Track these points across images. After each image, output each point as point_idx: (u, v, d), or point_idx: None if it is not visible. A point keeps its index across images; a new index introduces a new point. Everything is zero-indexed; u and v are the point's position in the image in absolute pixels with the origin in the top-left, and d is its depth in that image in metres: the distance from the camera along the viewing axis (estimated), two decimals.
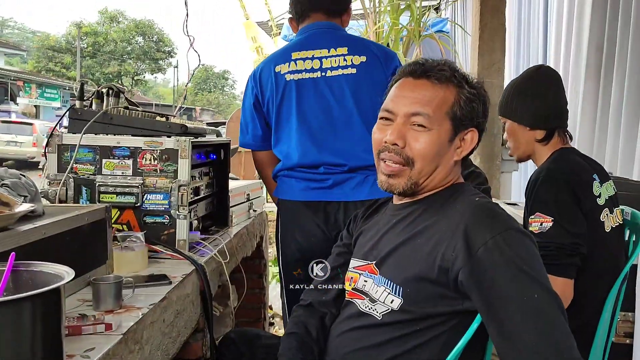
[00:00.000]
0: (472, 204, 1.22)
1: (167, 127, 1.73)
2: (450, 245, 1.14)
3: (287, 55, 2.03)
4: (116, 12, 41.36)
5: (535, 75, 1.88)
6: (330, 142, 1.98)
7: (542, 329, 1.03)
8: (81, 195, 1.68)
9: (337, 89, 1.98)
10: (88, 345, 1.00)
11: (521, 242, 1.12)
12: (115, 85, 1.82)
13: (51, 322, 0.79)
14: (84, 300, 1.26)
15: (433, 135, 1.24)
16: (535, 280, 1.07)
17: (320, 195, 1.97)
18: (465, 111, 1.27)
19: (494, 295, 1.08)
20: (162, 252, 1.65)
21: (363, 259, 1.34)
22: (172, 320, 1.35)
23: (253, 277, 2.75)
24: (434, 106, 1.25)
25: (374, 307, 1.24)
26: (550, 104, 1.82)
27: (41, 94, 29.20)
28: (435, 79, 1.27)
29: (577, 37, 3.69)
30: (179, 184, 1.67)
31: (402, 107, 1.27)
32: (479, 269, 1.09)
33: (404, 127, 1.26)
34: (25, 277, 0.90)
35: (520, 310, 1.05)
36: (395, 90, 1.32)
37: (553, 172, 1.71)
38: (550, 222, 1.62)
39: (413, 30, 5.35)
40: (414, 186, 1.27)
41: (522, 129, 1.84)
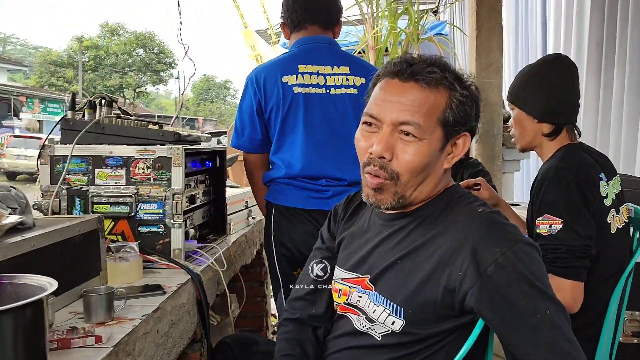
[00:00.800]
0: (474, 216, 1.14)
1: (160, 135, 1.72)
2: (457, 263, 1.08)
3: (294, 67, 2.06)
4: (117, 25, 41.62)
5: (551, 66, 1.78)
6: (334, 156, 2.04)
7: (557, 344, 1.02)
8: (74, 206, 1.66)
9: (341, 106, 2.05)
10: (77, 359, 0.98)
11: (530, 255, 1.08)
12: (107, 94, 1.80)
13: (34, 334, 0.77)
14: (76, 313, 1.24)
15: (423, 146, 1.14)
16: (546, 295, 1.05)
17: (320, 204, 2.03)
18: (457, 116, 1.16)
19: (507, 313, 1.04)
20: (158, 262, 1.63)
21: (352, 271, 1.27)
22: (167, 331, 1.32)
23: (254, 285, 2.73)
24: (424, 113, 1.13)
25: (372, 327, 1.19)
26: (562, 98, 1.75)
27: (44, 109, 29.35)
28: (424, 82, 1.15)
29: (577, 33, 3.67)
30: (173, 193, 1.65)
31: (388, 114, 1.15)
32: (490, 288, 1.05)
33: (391, 137, 1.14)
34: (9, 290, 0.88)
35: (536, 328, 1.02)
36: (380, 92, 1.19)
37: (562, 172, 1.64)
38: (560, 224, 1.57)
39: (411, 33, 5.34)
40: (402, 199, 1.17)
41: (529, 119, 1.77)
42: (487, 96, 3.80)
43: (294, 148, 2.05)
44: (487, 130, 3.90)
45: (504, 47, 4.74)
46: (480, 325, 1.11)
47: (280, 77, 2.05)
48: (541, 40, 4.55)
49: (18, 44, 50.42)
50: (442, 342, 1.14)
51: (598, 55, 3.47)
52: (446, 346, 1.14)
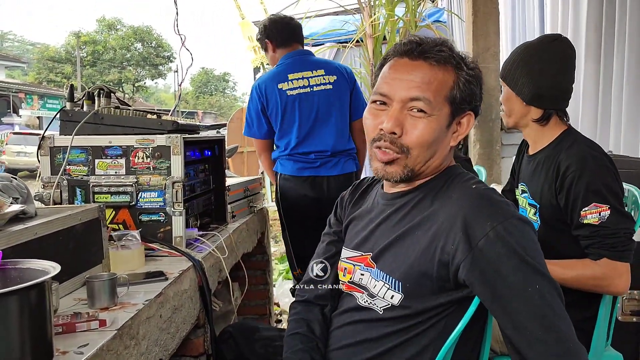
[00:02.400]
0: (468, 191, 1.17)
1: (159, 125, 1.73)
2: (450, 237, 1.11)
3: (286, 76, 2.82)
4: (114, 20, 41.49)
5: (548, 48, 1.73)
6: (318, 136, 2.84)
7: (546, 319, 1.03)
8: (76, 196, 1.68)
9: (322, 99, 2.83)
10: (82, 342, 1.00)
11: (522, 230, 1.09)
12: (105, 85, 1.81)
13: (39, 315, 0.79)
14: (80, 299, 1.26)
15: (432, 121, 1.17)
16: (537, 270, 1.06)
17: (310, 172, 2.84)
18: (464, 94, 1.19)
19: (499, 287, 1.06)
20: (159, 250, 1.64)
21: (356, 250, 1.31)
22: (170, 316, 1.34)
23: (256, 273, 2.75)
24: (433, 90, 1.17)
25: (373, 302, 1.22)
26: (554, 85, 1.71)
27: (43, 105, 29.33)
28: (434, 60, 1.18)
29: (574, 16, 3.65)
30: (173, 181, 1.66)
31: (399, 91, 1.18)
32: (481, 260, 1.07)
33: (401, 114, 1.17)
34: (13, 274, 0.90)
35: (526, 302, 1.04)
36: (390, 71, 1.22)
37: (599, 159, 1.62)
38: (608, 210, 1.55)
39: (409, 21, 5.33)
40: (411, 173, 1.20)
41: (518, 100, 1.74)
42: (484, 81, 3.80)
43: (291, 133, 2.83)
44: (486, 115, 3.90)
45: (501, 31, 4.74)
46: (477, 300, 1.13)
47: (277, 85, 2.81)
48: (539, 23, 4.54)
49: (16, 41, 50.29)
50: (440, 315, 1.16)
51: (597, 39, 3.46)
52: (444, 319, 1.16)
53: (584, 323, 1.66)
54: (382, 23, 5.35)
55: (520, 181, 1.88)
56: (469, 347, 1.22)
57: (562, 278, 1.60)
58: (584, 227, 1.59)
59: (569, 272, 1.61)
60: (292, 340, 1.33)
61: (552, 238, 1.70)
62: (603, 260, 1.57)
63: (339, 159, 2.85)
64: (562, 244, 1.67)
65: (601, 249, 1.57)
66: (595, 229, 1.57)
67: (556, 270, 1.61)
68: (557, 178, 1.65)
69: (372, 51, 5.20)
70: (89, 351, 0.96)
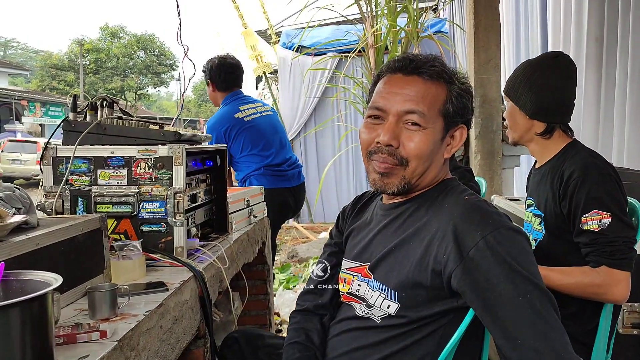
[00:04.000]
0: (460, 202, 1.20)
1: (161, 135, 1.74)
2: (442, 246, 1.13)
3: (238, 109, 3.39)
4: (117, 28, 41.68)
5: (549, 65, 1.78)
6: (284, 150, 3.52)
7: (538, 328, 1.04)
8: (77, 206, 1.69)
9: (271, 121, 3.51)
10: (82, 353, 1.00)
11: (512, 239, 1.11)
12: (108, 96, 1.83)
13: (40, 327, 0.79)
14: (81, 310, 1.26)
15: (428, 134, 1.21)
16: (528, 280, 1.07)
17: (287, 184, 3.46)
18: (456, 108, 1.24)
19: (489, 296, 1.07)
20: (160, 260, 1.65)
21: (355, 260, 1.33)
22: (170, 327, 1.34)
23: (257, 283, 2.74)
24: (427, 103, 1.21)
25: (371, 312, 1.24)
26: (556, 99, 1.74)
27: (46, 113, 29.42)
28: (427, 75, 1.23)
29: (576, 28, 3.67)
30: (175, 192, 1.67)
31: (394, 105, 1.22)
32: (472, 270, 1.09)
33: (397, 127, 1.21)
34: (15, 286, 0.90)
35: (517, 311, 1.05)
36: (385, 86, 1.26)
37: (602, 168, 1.64)
38: (609, 217, 1.57)
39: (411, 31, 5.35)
40: (407, 185, 1.24)
41: (522, 115, 1.78)
42: (485, 92, 3.82)
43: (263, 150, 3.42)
44: (487, 127, 3.92)
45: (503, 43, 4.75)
46: (471, 314, 1.13)
47: (233, 116, 3.35)
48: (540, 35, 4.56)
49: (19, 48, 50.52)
50: (437, 323, 1.17)
51: (598, 50, 3.47)
52: (441, 328, 1.17)
53: (585, 336, 1.67)
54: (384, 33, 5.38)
55: (528, 196, 1.90)
56: (469, 358, 1.22)
57: (561, 284, 1.62)
58: (584, 233, 1.60)
59: (568, 279, 1.62)
60: (291, 349, 1.34)
61: (556, 247, 1.71)
62: (602, 267, 1.58)
63: (299, 170, 3.59)
64: (566, 252, 1.68)
65: (600, 257, 1.58)
66: (595, 236, 1.58)
67: (555, 276, 1.62)
68: (561, 186, 1.67)
69: (374, 61, 5.22)
70: None
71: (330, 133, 7.74)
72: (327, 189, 7.53)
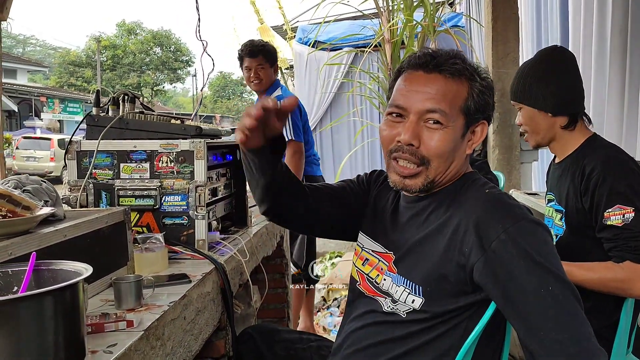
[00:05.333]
0: (482, 196, 1.20)
1: (182, 130, 1.76)
2: (465, 240, 1.14)
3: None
4: (134, 25, 41.97)
5: (550, 58, 1.78)
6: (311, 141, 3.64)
7: (561, 320, 1.04)
8: (101, 199, 1.72)
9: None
10: (111, 342, 1.02)
11: (534, 232, 1.11)
12: (130, 91, 1.85)
13: (72, 315, 0.82)
14: (106, 300, 1.28)
15: (449, 132, 1.20)
16: (550, 272, 1.07)
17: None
18: (478, 105, 1.23)
19: (511, 288, 1.08)
20: (182, 253, 1.67)
21: (380, 244, 1.34)
22: (193, 318, 1.37)
23: (275, 276, 2.77)
24: (449, 102, 1.20)
25: (396, 307, 1.24)
26: (572, 87, 1.73)
27: (64, 109, 29.77)
28: (448, 73, 1.21)
29: (599, 20, 3.61)
30: (196, 185, 1.69)
31: (415, 104, 1.20)
32: (493, 262, 1.09)
33: (417, 125, 1.20)
34: (46, 275, 0.93)
35: (539, 303, 1.05)
36: (405, 84, 1.24)
37: (624, 162, 1.63)
38: (632, 212, 1.55)
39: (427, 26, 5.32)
40: (430, 185, 1.24)
41: (542, 115, 1.75)
42: (504, 86, 3.79)
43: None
44: (505, 121, 3.89)
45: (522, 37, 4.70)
46: (492, 307, 1.14)
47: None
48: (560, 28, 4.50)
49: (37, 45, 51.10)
50: (461, 317, 1.18)
51: (622, 42, 3.41)
52: (464, 322, 1.18)
53: (605, 330, 1.66)
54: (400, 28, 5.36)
55: (548, 191, 1.89)
56: (491, 351, 1.22)
57: (584, 280, 1.61)
58: (607, 228, 1.59)
59: (591, 275, 1.61)
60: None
61: (577, 243, 1.70)
62: (626, 263, 1.56)
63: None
64: (587, 248, 1.67)
65: (624, 252, 1.57)
66: (618, 231, 1.57)
67: (578, 272, 1.62)
68: (582, 181, 1.66)
69: (390, 56, 5.21)
70: (118, 351, 0.99)
71: (346, 128, 7.74)
72: None
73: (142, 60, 41.05)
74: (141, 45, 41.00)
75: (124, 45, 40.84)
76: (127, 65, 40.23)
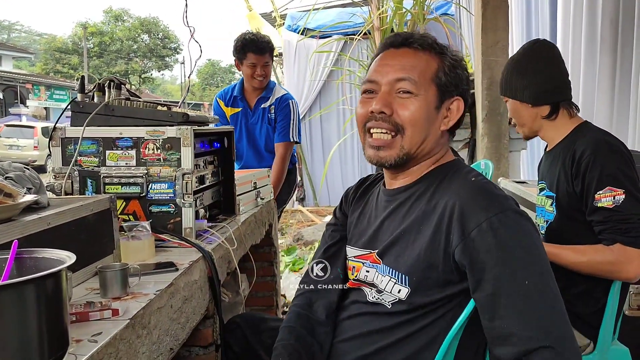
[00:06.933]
0: (467, 183, 1.19)
1: (169, 116, 1.74)
2: (450, 227, 1.13)
3: None
4: (121, 11, 41.46)
5: (530, 52, 1.83)
6: None
7: (527, 317, 1.03)
8: (87, 187, 1.69)
9: None
10: (95, 330, 1.01)
11: (518, 223, 1.10)
12: (116, 77, 1.82)
13: (54, 304, 0.80)
14: (92, 289, 1.27)
15: (420, 100, 1.21)
16: (528, 264, 1.07)
17: None
18: (450, 77, 1.25)
19: (485, 277, 1.08)
20: (169, 241, 1.66)
21: (363, 248, 1.32)
22: (180, 306, 1.36)
23: (264, 265, 2.76)
24: (418, 71, 1.22)
25: (381, 297, 1.23)
26: (549, 78, 1.77)
27: (50, 96, 29.43)
28: (417, 45, 1.25)
29: (589, 9, 3.61)
30: (183, 173, 1.67)
31: (385, 76, 1.24)
32: (471, 249, 1.09)
33: (389, 96, 1.22)
34: (29, 263, 0.91)
35: (509, 296, 1.05)
36: (377, 61, 1.29)
37: (614, 145, 1.64)
38: (622, 194, 1.57)
39: (417, 14, 5.31)
40: (406, 157, 1.23)
41: (524, 106, 1.79)
42: (493, 74, 3.79)
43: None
44: (494, 109, 3.89)
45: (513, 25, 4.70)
46: None
47: None
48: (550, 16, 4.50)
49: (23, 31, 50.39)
50: (447, 306, 1.17)
51: (613, 32, 3.41)
52: (451, 310, 1.17)
53: (591, 317, 1.67)
54: (390, 16, 5.34)
55: (540, 180, 1.90)
56: (477, 341, 1.22)
57: (574, 262, 1.62)
58: (597, 211, 1.60)
59: (581, 257, 1.62)
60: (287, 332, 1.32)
61: (567, 227, 1.71)
62: (616, 245, 1.57)
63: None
64: (577, 233, 1.68)
65: (614, 234, 1.58)
66: (609, 213, 1.58)
67: (568, 254, 1.63)
68: (573, 164, 1.67)
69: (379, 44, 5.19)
70: (103, 339, 0.97)
71: (335, 116, 7.73)
72: (332, 173, 7.53)
73: (129, 47, 40.63)
74: (128, 32, 40.55)
75: (111, 32, 40.38)
76: (114, 52, 39.80)
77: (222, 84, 53.19)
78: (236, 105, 3.44)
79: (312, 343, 1.29)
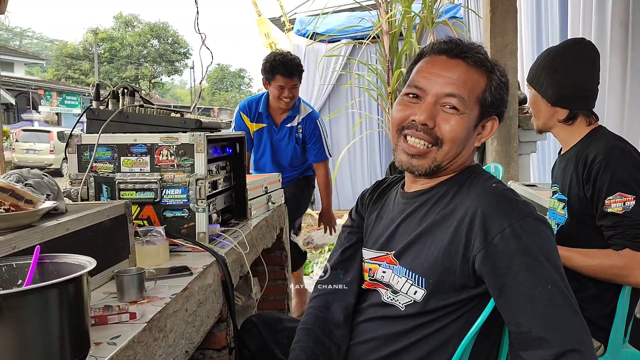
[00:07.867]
0: (488, 190, 1.20)
1: (182, 123, 1.77)
2: (470, 232, 1.14)
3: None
4: (131, 17, 41.76)
5: (568, 51, 1.78)
6: None
7: (551, 320, 1.05)
8: (102, 193, 1.72)
9: None
10: (114, 333, 1.04)
11: (539, 229, 1.12)
12: (130, 84, 1.86)
13: (76, 307, 0.83)
14: (109, 293, 1.30)
15: (464, 119, 1.21)
16: (550, 271, 1.08)
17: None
18: (494, 98, 1.24)
19: (507, 282, 1.09)
20: (183, 245, 1.68)
21: (379, 250, 1.33)
22: (195, 310, 1.38)
23: (275, 269, 2.78)
24: (468, 89, 1.20)
25: (396, 298, 1.25)
26: (576, 84, 1.74)
27: (62, 102, 29.66)
28: (471, 61, 1.22)
29: (598, 12, 3.59)
30: (196, 178, 1.70)
31: (435, 86, 1.21)
32: (494, 255, 1.10)
33: (434, 108, 1.21)
34: (50, 268, 0.94)
35: (532, 301, 1.06)
36: (427, 66, 1.25)
37: (627, 151, 1.64)
38: (633, 200, 1.57)
39: (426, 17, 5.32)
40: (436, 169, 1.24)
41: (544, 102, 1.78)
42: None
43: None
44: None
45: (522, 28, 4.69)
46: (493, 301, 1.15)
47: None
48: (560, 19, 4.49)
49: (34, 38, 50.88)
50: (461, 310, 1.19)
51: (623, 34, 3.39)
52: (465, 314, 1.19)
53: (602, 320, 1.68)
54: (398, 19, 5.35)
55: (553, 183, 1.90)
56: (490, 342, 1.24)
57: (583, 266, 1.63)
58: (607, 216, 1.60)
59: (590, 261, 1.63)
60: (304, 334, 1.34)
61: (578, 231, 1.72)
62: (625, 250, 1.58)
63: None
64: (588, 237, 1.68)
65: (624, 239, 1.58)
66: (618, 218, 1.58)
67: (577, 257, 1.63)
68: (585, 168, 1.67)
69: (388, 48, 5.21)
70: (121, 342, 1.00)
71: (344, 120, 7.74)
72: (341, 177, 7.54)
73: (139, 52, 40.89)
74: (138, 37, 40.82)
75: (121, 37, 40.66)
76: (124, 58, 40.07)
77: (232, 89, 53.42)
78: (261, 121, 3.41)
79: (330, 345, 1.31)
